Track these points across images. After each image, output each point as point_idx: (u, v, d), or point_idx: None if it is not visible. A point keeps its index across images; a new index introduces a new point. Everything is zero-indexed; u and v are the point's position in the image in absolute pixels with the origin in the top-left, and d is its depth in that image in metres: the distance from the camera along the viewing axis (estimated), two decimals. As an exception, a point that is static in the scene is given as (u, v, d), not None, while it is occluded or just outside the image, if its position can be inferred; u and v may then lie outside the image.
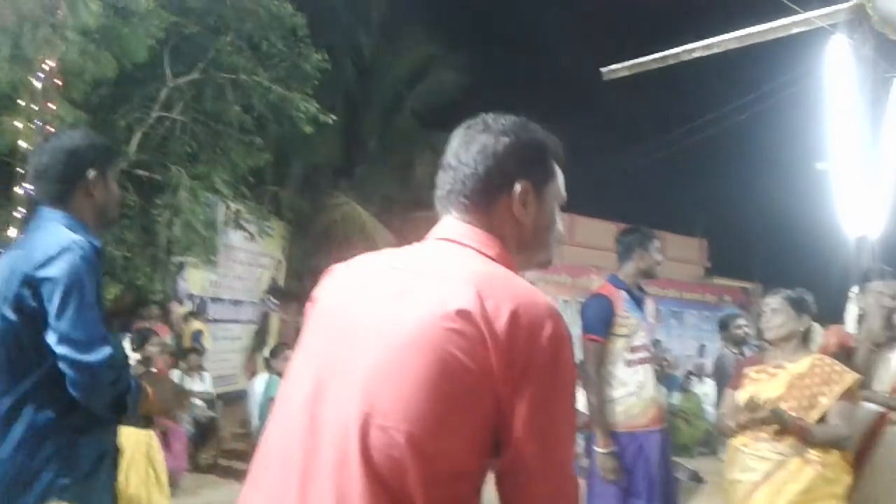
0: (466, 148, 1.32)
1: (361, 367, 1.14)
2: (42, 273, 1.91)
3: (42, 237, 2.01)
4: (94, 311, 1.97)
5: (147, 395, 2.15)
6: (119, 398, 1.99)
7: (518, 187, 1.30)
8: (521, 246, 1.33)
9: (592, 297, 3.88)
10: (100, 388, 1.93)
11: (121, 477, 5.13)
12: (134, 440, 5.30)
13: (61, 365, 1.90)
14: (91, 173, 2.12)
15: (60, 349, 1.89)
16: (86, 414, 1.97)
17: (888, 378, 3.45)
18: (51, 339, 1.90)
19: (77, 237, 1.99)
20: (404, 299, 1.16)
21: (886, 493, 3.31)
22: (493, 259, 1.25)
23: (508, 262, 1.27)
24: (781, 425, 3.07)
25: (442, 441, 1.10)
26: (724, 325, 6.36)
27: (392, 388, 1.11)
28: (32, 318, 1.91)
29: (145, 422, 5.45)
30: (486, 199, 1.30)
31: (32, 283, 1.92)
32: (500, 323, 1.09)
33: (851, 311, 3.82)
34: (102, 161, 2.16)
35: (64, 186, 2.10)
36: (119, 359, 2.01)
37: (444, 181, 1.33)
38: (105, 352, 1.92)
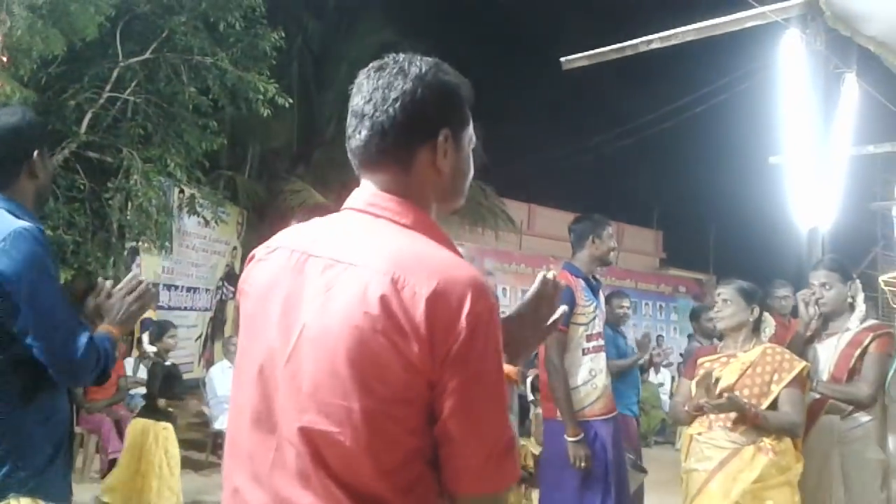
0: (383, 94, 1.26)
1: (301, 374, 1.16)
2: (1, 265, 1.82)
3: None
4: (62, 296, 1.92)
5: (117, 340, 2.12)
6: (102, 370, 1.98)
7: (440, 136, 1.27)
8: (440, 197, 1.31)
9: None
10: (84, 373, 1.93)
11: (132, 465, 5.25)
12: (152, 432, 5.38)
13: (41, 357, 1.86)
14: (36, 154, 2.03)
15: (38, 344, 1.84)
16: (42, 405, 1.91)
17: (826, 366, 3.52)
18: (25, 333, 1.84)
19: (26, 223, 1.90)
20: (327, 297, 1.17)
21: (814, 478, 3.39)
22: (409, 227, 1.24)
23: (425, 224, 1.26)
24: (738, 412, 3.12)
25: (386, 436, 1.13)
26: (694, 317, 6.46)
27: (330, 393, 1.13)
28: None
29: (159, 414, 5.53)
30: (407, 149, 1.26)
31: None
32: (419, 312, 1.10)
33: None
34: (43, 140, 2.09)
35: (8, 169, 2.00)
36: (95, 340, 1.95)
37: (360, 130, 1.27)
38: (83, 339, 1.89)
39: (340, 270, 1.18)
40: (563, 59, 6.46)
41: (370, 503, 1.12)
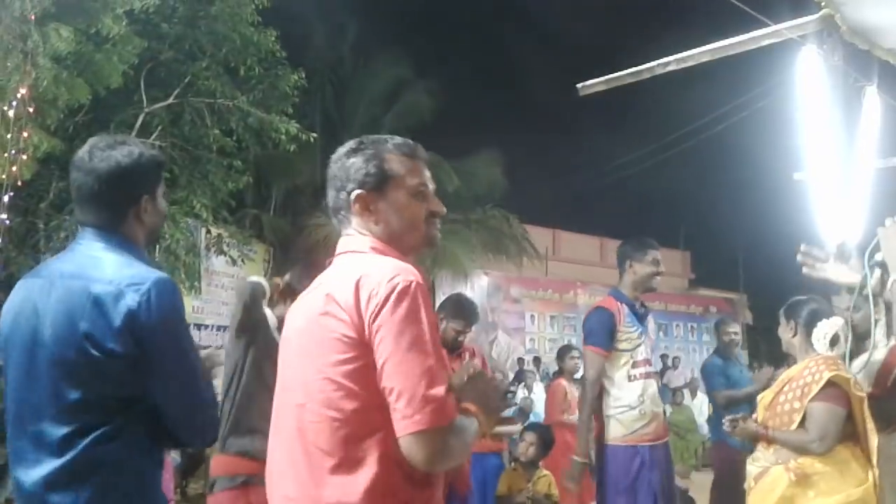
0: (331, 168, 1.73)
1: (296, 373, 1.59)
2: (143, 317, 1.76)
3: (110, 267, 1.83)
4: (194, 350, 1.90)
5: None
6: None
7: (353, 196, 1.66)
8: (387, 237, 1.67)
9: (594, 310, 3.89)
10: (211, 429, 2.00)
11: None
12: None
13: (171, 420, 1.84)
14: (144, 199, 1.96)
15: (170, 411, 1.82)
16: (158, 453, 1.89)
17: (863, 383, 3.46)
18: (153, 393, 1.80)
19: (163, 274, 1.86)
20: (307, 313, 1.60)
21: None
22: (365, 252, 1.64)
23: (381, 248, 1.65)
24: (754, 437, 3.16)
25: (360, 392, 1.47)
26: (717, 330, 6.31)
27: (311, 375, 1.52)
28: (122, 360, 1.76)
29: None
30: (340, 207, 1.70)
31: (127, 327, 1.75)
32: (349, 293, 1.50)
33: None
34: (153, 183, 2.00)
35: (115, 212, 1.93)
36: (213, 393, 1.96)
37: (328, 199, 1.74)
38: (213, 410, 1.94)
39: (316, 292, 1.61)
40: (579, 84, 6.48)
41: (340, 461, 1.47)
